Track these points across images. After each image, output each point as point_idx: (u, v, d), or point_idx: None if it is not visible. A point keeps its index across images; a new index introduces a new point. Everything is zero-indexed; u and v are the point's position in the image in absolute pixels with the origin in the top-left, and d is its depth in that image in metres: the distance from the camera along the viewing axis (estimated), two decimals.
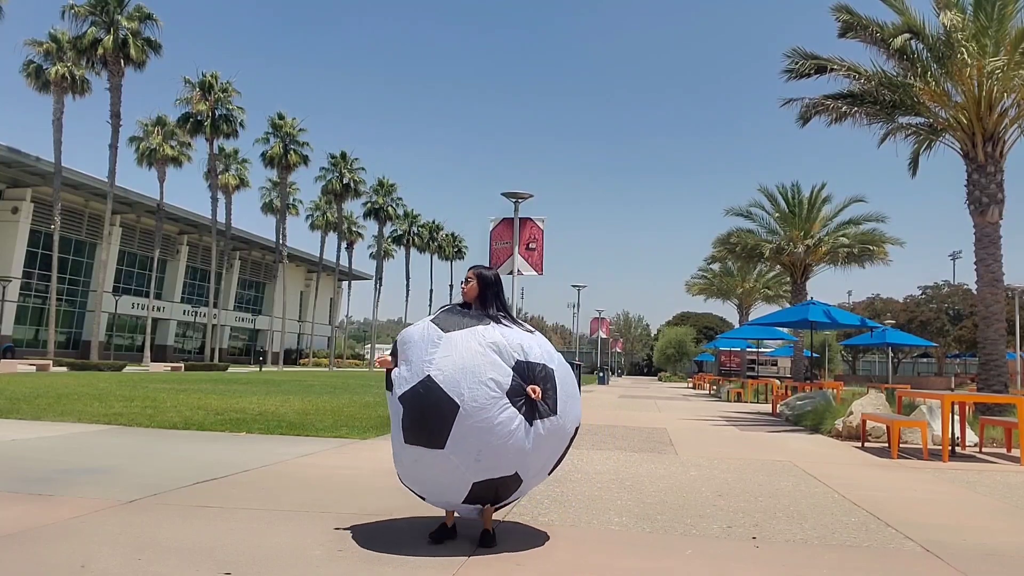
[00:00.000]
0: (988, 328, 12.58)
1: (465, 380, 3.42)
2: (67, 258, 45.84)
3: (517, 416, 3.45)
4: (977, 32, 12.37)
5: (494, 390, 3.43)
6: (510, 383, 3.46)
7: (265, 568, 3.19)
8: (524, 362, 3.53)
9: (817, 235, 25.24)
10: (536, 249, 15.60)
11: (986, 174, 12.67)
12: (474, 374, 3.43)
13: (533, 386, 3.49)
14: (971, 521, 4.80)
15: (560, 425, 3.61)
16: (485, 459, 3.45)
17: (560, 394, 3.59)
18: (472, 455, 3.44)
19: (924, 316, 53.79)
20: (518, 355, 3.53)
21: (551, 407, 3.54)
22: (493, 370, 3.46)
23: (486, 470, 3.48)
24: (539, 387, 3.51)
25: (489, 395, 3.41)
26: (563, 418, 3.62)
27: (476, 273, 3.88)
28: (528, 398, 3.48)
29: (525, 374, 3.51)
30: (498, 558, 3.50)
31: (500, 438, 3.42)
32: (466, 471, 3.48)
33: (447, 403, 3.40)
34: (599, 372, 43.22)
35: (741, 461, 7.50)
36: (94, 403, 11.39)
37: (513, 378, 3.47)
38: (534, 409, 3.50)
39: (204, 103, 43.63)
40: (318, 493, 4.95)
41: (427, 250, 73.84)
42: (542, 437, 3.53)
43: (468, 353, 3.49)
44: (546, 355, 3.64)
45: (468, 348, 3.50)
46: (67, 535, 3.64)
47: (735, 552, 3.77)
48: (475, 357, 3.48)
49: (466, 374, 3.43)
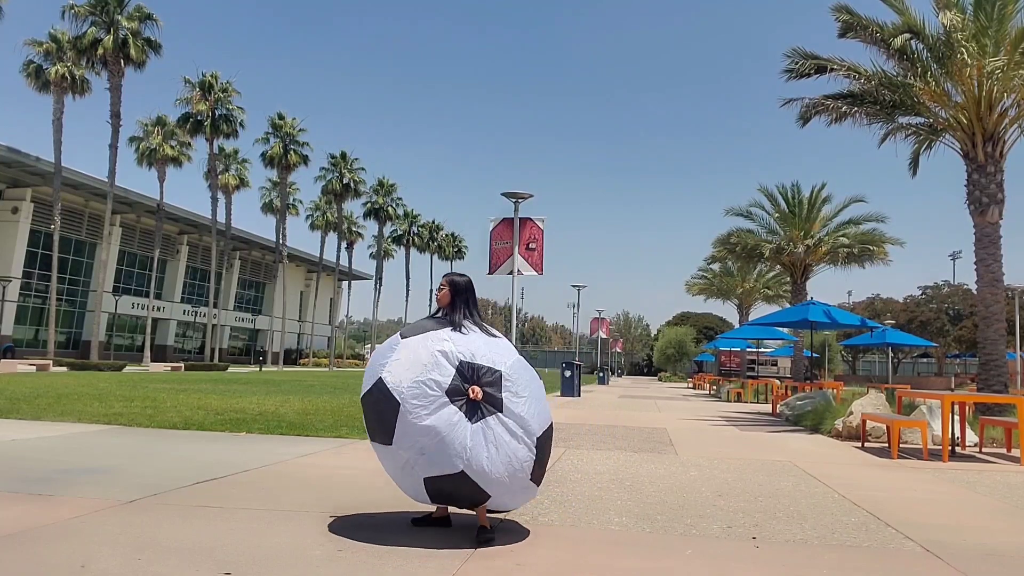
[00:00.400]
0: (988, 328, 12.58)
1: (407, 380, 3.64)
2: (67, 258, 45.85)
3: (457, 414, 3.59)
4: (977, 32, 12.37)
5: (433, 389, 3.61)
6: (450, 383, 3.62)
7: (265, 568, 3.19)
8: (468, 363, 3.68)
9: (817, 235, 25.25)
10: (536, 249, 15.60)
11: (986, 174, 12.67)
12: (417, 374, 3.64)
13: (474, 387, 3.63)
14: (971, 521, 4.80)
15: (508, 427, 3.65)
16: (429, 456, 3.62)
17: (506, 395, 3.68)
18: (416, 451, 3.64)
19: (924, 316, 53.80)
20: (463, 357, 3.69)
21: (496, 407, 3.64)
22: (435, 370, 3.64)
23: (432, 467, 3.65)
24: (480, 388, 3.64)
25: (428, 394, 3.60)
26: (511, 419, 3.67)
27: (448, 280, 4.06)
28: (470, 399, 3.62)
29: (468, 375, 3.65)
30: (498, 558, 3.50)
31: (439, 435, 3.57)
32: (415, 467, 3.69)
33: (390, 401, 3.64)
34: (599, 372, 43.23)
35: (741, 461, 7.50)
36: (94, 403, 11.39)
37: (454, 378, 3.63)
38: (476, 409, 3.62)
39: (204, 103, 43.65)
40: (318, 493, 4.95)
41: (427, 250, 73.88)
42: (487, 437, 3.61)
43: (416, 355, 3.71)
44: (496, 358, 3.76)
45: (417, 351, 3.73)
46: (67, 535, 3.64)
47: (735, 552, 3.77)
48: (421, 359, 3.69)
49: (410, 374, 3.65)
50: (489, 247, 15.88)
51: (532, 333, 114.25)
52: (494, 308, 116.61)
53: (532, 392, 3.81)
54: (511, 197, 15.33)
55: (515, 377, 3.75)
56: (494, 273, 15.72)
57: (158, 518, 4.05)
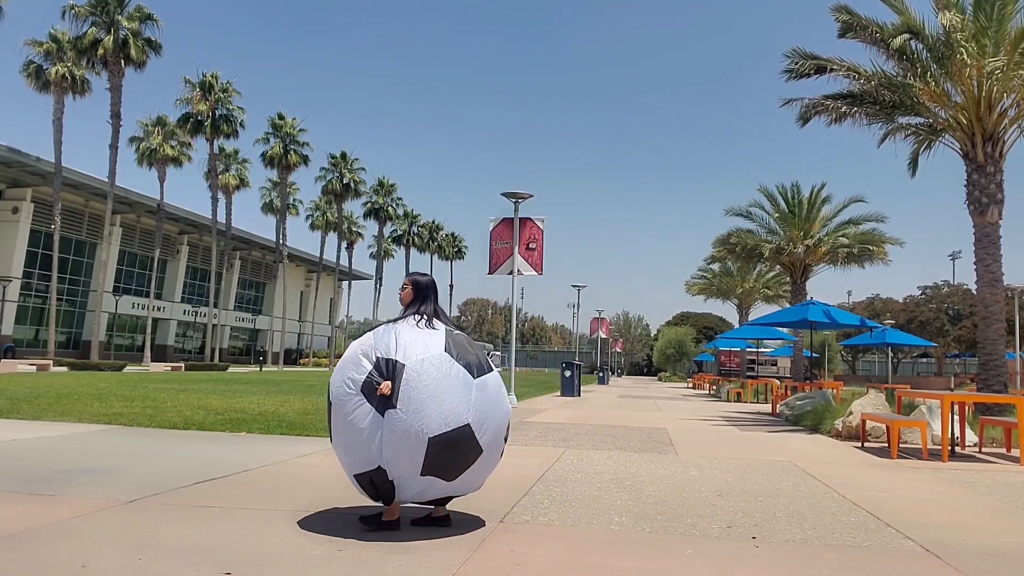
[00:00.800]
0: (988, 328, 12.59)
1: (336, 380, 3.81)
2: (67, 258, 45.85)
3: (370, 411, 3.67)
4: (977, 32, 12.38)
5: (350, 387, 3.74)
6: (364, 379, 3.71)
7: (265, 568, 3.19)
8: (384, 359, 3.73)
9: (817, 235, 25.25)
10: (536, 249, 15.60)
11: (986, 174, 12.68)
12: (341, 373, 3.81)
13: (385, 382, 3.67)
14: (971, 521, 4.81)
15: (405, 420, 3.63)
16: (351, 452, 3.77)
17: (404, 389, 3.65)
18: (342, 447, 3.84)
19: (924, 316, 53.79)
20: (381, 353, 3.76)
21: (393, 401, 3.66)
22: (354, 368, 3.77)
23: (355, 464, 3.79)
24: (390, 383, 3.66)
25: (345, 391, 3.74)
26: (407, 414, 3.63)
27: (411, 280, 4.17)
28: (378, 391, 3.67)
29: (384, 371, 3.71)
30: (498, 558, 3.50)
31: (355, 432, 3.70)
32: (345, 463, 3.88)
33: (328, 400, 3.87)
34: (599, 372, 43.24)
35: (741, 461, 7.50)
36: (94, 403, 11.39)
37: (369, 374, 3.71)
38: (387, 404, 3.67)
39: (204, 103, 43.67)
40: (318, 493, 4.95)
41: (427, 250, 73.92)
42: (391, 432, 3.66)
43: (347, 353, 3.89)
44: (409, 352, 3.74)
45: (350, 348, 3.90)
46: (67, 535, 3.64)
47: (735, 552, 3.77)
48: (348, 358, 3.84)
49: (337, 372, 3.84)
50: (489, 247, 15.88)
51: (532, 333, 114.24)
52: (494, 308, 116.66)
53: (436, 391, 3.71)
54: (511, 197, 15.34)
55: (419, 372, 3.70)
56: (494, 273, 15.73)
57: (158, 518, 4.05)
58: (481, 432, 3.84)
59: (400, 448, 3.68)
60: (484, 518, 4.33)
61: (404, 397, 3.67)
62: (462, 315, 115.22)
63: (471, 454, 3.84)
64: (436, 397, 3.70)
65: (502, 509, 4.62)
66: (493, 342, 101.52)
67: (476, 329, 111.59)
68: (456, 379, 3.80)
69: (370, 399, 3.68)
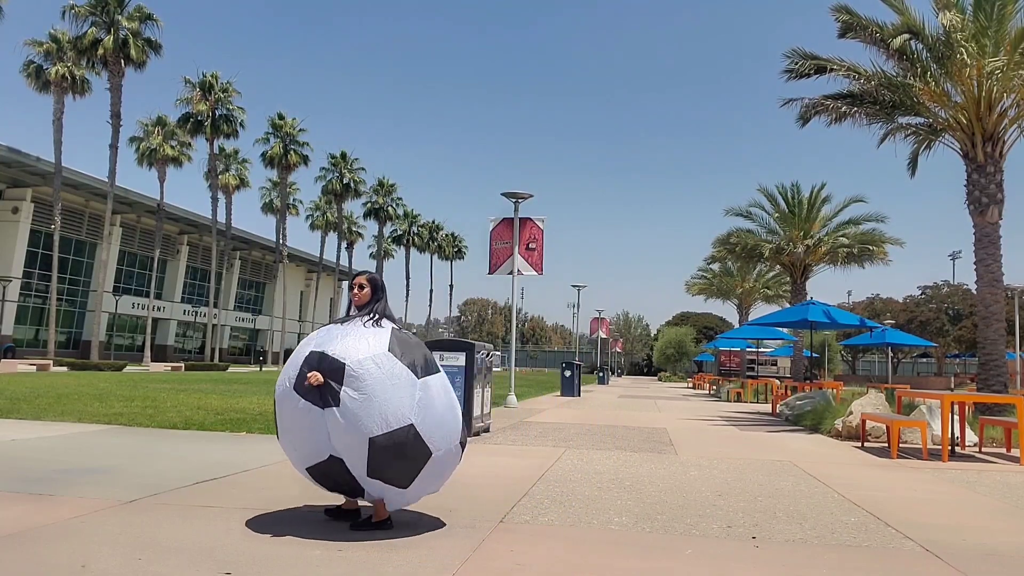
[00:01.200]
0: (988, 328, 12.59)
1: (282, 376, 3.88)
2: (67, 258, 45.84)
3: (307, 405, 3.71)
4: (977, 32, 12.38)
5: (285, 383, 3.81)
6: (297, 373, 3.76)
7: (265, 568, 3.19)
8: (316, 353, 3.76)
9: (817, 235, 25.25)
10: (536, 249, 15.60)
11: (986, 174, 12.68)
12: (285, 370, 3.87)
13: (314, 372, 3.68)
14: (971, 521, 4.81)
15: (346, 420, 3.63)
16: (298, 446, 3.84)
17: (345, 389, 3.65)
18: (288, 443, 3.91)
19: (924, 316, 53.77)
20: (314, 347, 3.81)
21: (334, 399, 3.66)
22: (291, 366, 3.84)
23: (305, 457, 3.85)
24: (320, 374, 3.66)
25: (285, 387, 3.81)
26: (345, 415, 3.64)
27: (369, 279, 4.16)
28: (310, 385, 3.68)
29: (314, 365, 3.73)
30: (498, 558, 3.50)
31: (298, 425, 3.78)
32: (295, 460, 3.95)
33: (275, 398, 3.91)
34: (599, 372, 43.22)
35: (741, 461, 7.50)
36: (94, 403, 11.39)
37: (301, 369, 3.76)
38: (323, 396, 3.68)
39: (204, 103, 43.67)
40: (317, 493, 4.95)
41: (427, 250, 73.94)
42: (335, 430, 3.67)
43: (296, 353, 3.92)
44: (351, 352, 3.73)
45: (298, 348, 3.95)
46: (67, 535, 3.64)
47: (735, 552, 3.78)
48: (294, 355, 3.90)
49: (283, 371, 3.90)
50: (489, 247, 15.88)
51: (532, 333, 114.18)
52: (494, 308, 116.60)
53: (379, 391, 3.68)
54: (511, 197, 15.33)
55: (359, 372, 3.68)
56: (494, 273, 15.73)
57: (158, 518, 4.05)
58: (429, 433, 3.77)
59: (345, 446, 3.71)
60: (482, 517, 4.33)
61: (345, 396, 3.65)
62: (462, 315, 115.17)
63: (420, 456, 3.77)
64: (378, 396, 3.67)
65: (502, 509, 4.62)
66: (493, 342, 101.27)
67: (476, 329, 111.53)
68: (399, 379, 3.75)
69: (307, 395, 3.70)
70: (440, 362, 8.94)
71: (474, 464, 6.68)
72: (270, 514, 4.24)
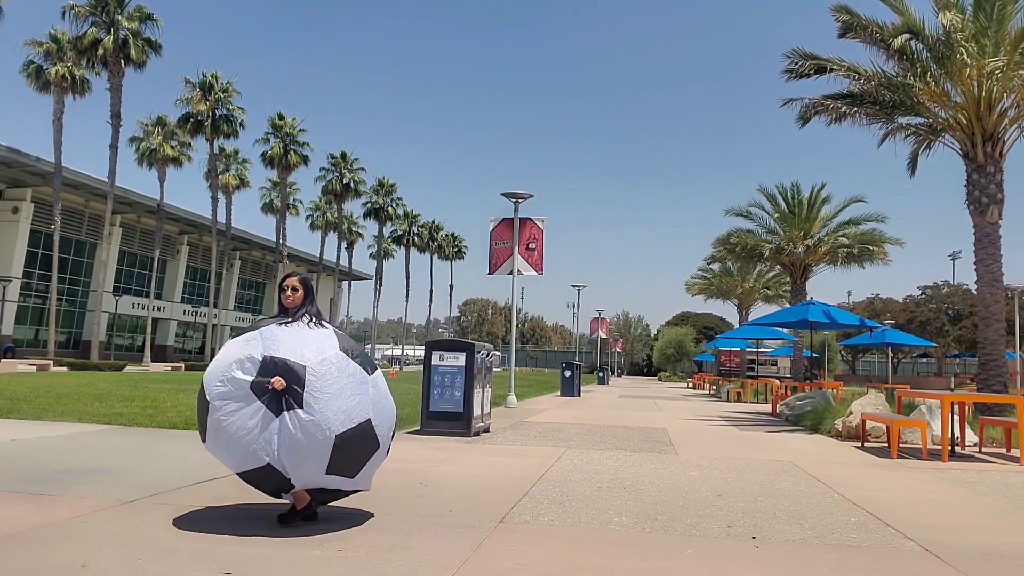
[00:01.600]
0: (988, 328, 12.59)
1: (214, 378, 3.74)
2: (67, 258, 45.83)
3: (260, 411, 3.68)
4: (977, 32, 12.37)
5: (238, 388, 3.70)
6: (252, 378, 3.69)
7: (265, 568, 3.19)
8: (271, 358, 3.73)
9: (817, 235, 25.25)
10: (536, 249, 15.59)
11: (986, 174, 12.68)
12: (222, 372, 3.73)
13: (277, 376, 3.69)
14: (971, 521, 4.81)
15: (312, 420, 3.69)
16: (233, 450, 3.73)
17: (308, 391, 3.70)
18: (222, 447, 3.78)
19: (924, 316, 53.75)
20: (269, 352, 3.75)
21: (297, 402, 3.68)
22: (239, 369, 3.73)
23: (241, 462, 3.77)
24: (282, 379, 3.69)
25: (230, 391, 3.70)
26: (310, 415, 3.70)
27: (301, 281, 4.15)
28: (273, 390, 3.68)
29: (271, 369, 3.71)
30: (498, 558, 3.50)
31: (242, 430, 3.68)
32: (229, 463, 3.84)
33: (203, 400, 3.79)
34: (599, 372, 43.21)
35: (741, 461, 7.50)
36: (94, 403, 11.39)
37: (257, 373, 3.70)
38: (278, 401, 3.69)
39: (204, 103, 43.61)
40: None
41: (427, 250, 73.92)
42: (292, 431, 3.68)
43: (228, 355, 3.80)
44: (306, 354, 3.77)
45: (231, 350, 3.83)
46: (67, 535, 3.64)
47: (735, 552, 3.77)
48: (231, 358, 3.77)
49: (216, 373, 3.75)
50: (489, 247, 15.88)
51: (532, 333, 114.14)
52: (494, 308, 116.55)
53: (340, 389, 3.79)
54: (511, 197, 15.33)
55: (321, 372, 3.76)
56: (494, 273, 15.73)
57: (158, 518, 4.05)
58: (380, 427, 3.93)
59: (305, 450, 3.71)
60: (482, 517, 4.33)
61: (308, 399, 3.69)
62: (462, 315, 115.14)
63: (370, 449, 3.92)
64: (340, 396, 3.78)
65: (502, 509, 4.62)
66: (493, 342, 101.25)
67: (476, 329, 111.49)
68: (354, 377, 3.87)
69: (261, 398, 3.68)
70: (440, 362, 9.00)
71: (474, 464, 6.69)
72: (270, 514, 4.24)
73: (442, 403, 8.82)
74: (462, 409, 8.75)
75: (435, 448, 7.62)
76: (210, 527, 3.88)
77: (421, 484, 5.42)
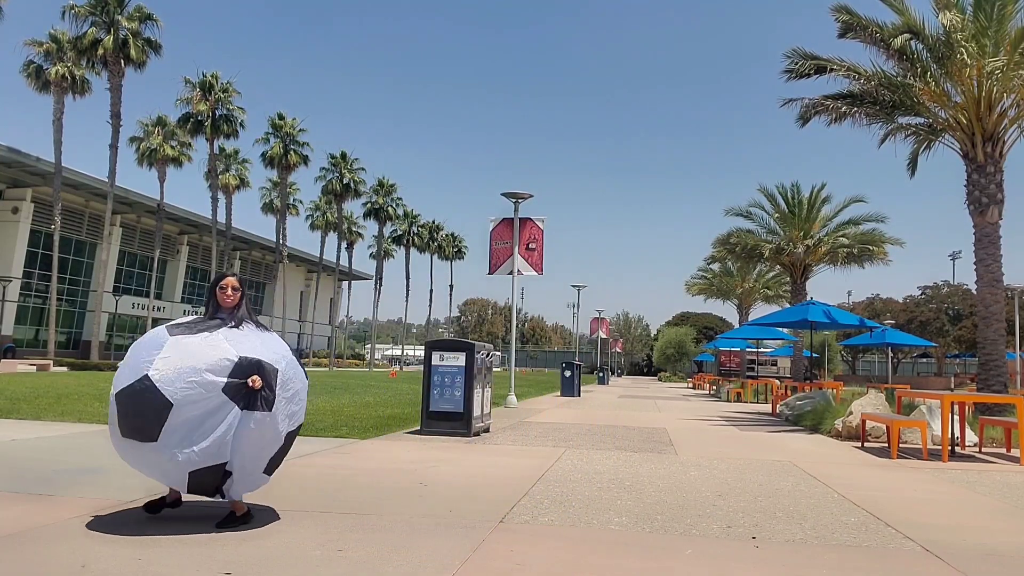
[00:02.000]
0: (988, 328, 12.59)
1: (181, 379, 3.68)
2: (67, 258, 45.84)
3: (232, 412, 3.72)
4: (977, 32, 12.38)
5: (210, 390, 3.68)
6: (226, 379, 3.71)
7: (265, 568, 3.19)
8: (247, 359, 3.78)
9: (817, 235, 25.26)
10: (536, 249, 15.60)
11: (986, 174, 12.68)
12: (191, 373, 3.69)
13: (254, 376, 3.75)
14: (971, 521, 4.81)
15: (273, 422, 3.83)
16: (199, 450, 3.73)
17: (279, 392, 3.84)
18: (185, 446, 3.71)
19: (924, 316, 53.75)
20: (243, 354, 3.80)
21: (266, 403, 3.78)
22: (211, 372, 3.71)
23: (199, 460, 3.75)
24: (260, 379, 3.77)
25: (202, 393, 3.67)
26: (277, 416, 3.84)
27: (240, 281, 4.20)
28: (246, 390, 3.73)
29: (247, 370, 3.76)
30: (498, 558, 3.50)
31: (212, 431, 3.70)
32: (182, 462, 3.74)
33: (159, 399, 3.66)
34: (599, 372, 43.22)
35: (741, 461, 7.50)
36: (94, 403, 11.39)
37: (231, 376, 3.72)
38: (252, 402, 3.74)
39: (204, 103, 43.59)
40: (317, 493, 4.95)
41: (427, 250, 73.85)
42: (253, 431, 3.77)
43: (192, 355, 3.74)
44: (275, 357, 3.89)
45: (194, 351, 3.77)
46: (67, 535, 3.64)
47: (735, 552, 3.77)
48: (198, 359, 3.73)
49: (182, 373, 3.68)
50: (489, 247, 15.88)
51: (532, 333, 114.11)
52: (494, 308, 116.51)
53: (297, 389, 3.98)
54: (511, 197, 15.33)
55: (290, 375, 3.92)
56: (494, 273, 15.73)
57: (158, 518, 4.05)
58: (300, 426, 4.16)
59: (259, 447, 3.84)
60: (482, 517, 4.33)
61: (279, 398, 3.82)
62: (462, 315, 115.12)
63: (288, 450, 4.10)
64: (294, 399, 3.95)
65: (502, 509, 4.62)
66: (493, 342, 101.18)
67: (476, 329, 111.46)
68: (303, 381, 4.11)
69: (236, 399, 3.71)
70: (440, 362, 9.01)
71: (474, 464, 6.68)
72: (270, 514, 4.24)
73: (442, 403, 8.82)
74: (462, 409, 8.76)
75: (435, 448, 7.62)
76: (210, 527, 3.88)
77: (421, 484, 5.42)
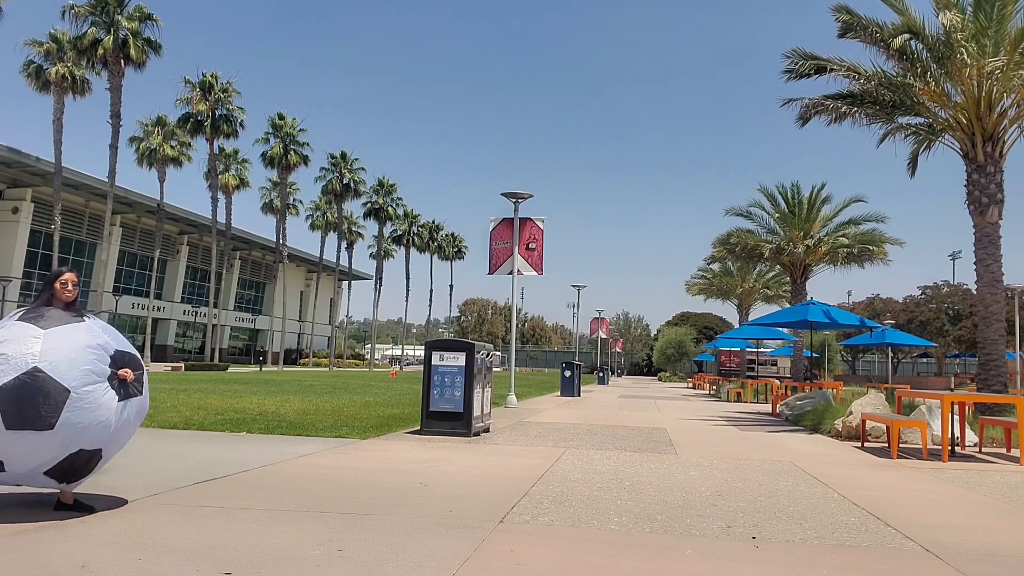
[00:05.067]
0: (988, 328, 12.58)
1: (74, 369, 3.90)
2: (67, 258, 45.86)
3: (114, 399, 4.01)
4: (977, 32, 12.37)
5: (100, 378, 3.97)
6: (109, 369, 4.03)
7: (265, 568, 3.19)
8: (120, 351, 4.13)
9: (817, 235, 25.24)
10: (536, 249, 15.60)
11: (986, 174, 12.67)
12: (81, 364, 3.93)
13: (126, 369, 4.09)
14: (971, 521, 4.81)
15: (143, 406, 4.29)
16: (87, 436, 3.94)
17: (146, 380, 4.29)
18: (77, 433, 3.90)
19: (924, 316, 53.74)
20: (117, 346, 4.13)
21: (140, 389, 4.18)
22: (98, 361, 4.00)
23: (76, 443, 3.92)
24: (130, 371, 4.10)
25: (95, 381, 3.95)
26: (146, 399, 4.32)
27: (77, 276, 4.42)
28: (121, 380, 4.05)
29: (119, 362, 4.09)
30: (498, 558, 3.50)
31: (103, 417, 3.95)
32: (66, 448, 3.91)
33: (55, 389, 3.83)
34: (599, 372, 43.21)
35: (741, 461, 7.50)
36: None
37: (111, 364, 4.04)
38: (127, 390, 4.09)
39: (204, 103, 43.61)
40: (318, 493, 4.95)
41: (427, 250, 73.88)
42: (129, 416, 4.13)
43: (75, 346, 3.97)
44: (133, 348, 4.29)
45: (74, 342, 3.98)
46: (67, 535, 3.64)
47: (735, 552, 3.77)
48: (82, 350, 3.97)
49: (74, 364, 3.91)
50: (489, 247, 15.88)
51: (532, 333, 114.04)
52: (494, 308, 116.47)
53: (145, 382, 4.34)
54: (511, 197, 15.33)
55: (143, 367, 4.32)
56: (494, 273, 15.73)
57: (158, 518, 4.05)
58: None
59: (128, 431, 4.21)
60: (482, 517, 4.33)
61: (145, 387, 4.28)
62: (462, 315, 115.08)
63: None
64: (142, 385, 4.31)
65: (502, 509, 4.62)
66: (493, 342, 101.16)
67: (476, 329, 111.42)
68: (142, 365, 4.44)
69: (113, 385, 4.02)
70: (440, 362, 9.02)
71: (474, 464, 6.69)
72: (270, 514, 4.24)
73: (442, 403, 8.82)
74: (462, 409, 8.76)
75: (435, 448, 7.63)
76: (211, 527, 3.88)
77: (421, 484, 5.42)
